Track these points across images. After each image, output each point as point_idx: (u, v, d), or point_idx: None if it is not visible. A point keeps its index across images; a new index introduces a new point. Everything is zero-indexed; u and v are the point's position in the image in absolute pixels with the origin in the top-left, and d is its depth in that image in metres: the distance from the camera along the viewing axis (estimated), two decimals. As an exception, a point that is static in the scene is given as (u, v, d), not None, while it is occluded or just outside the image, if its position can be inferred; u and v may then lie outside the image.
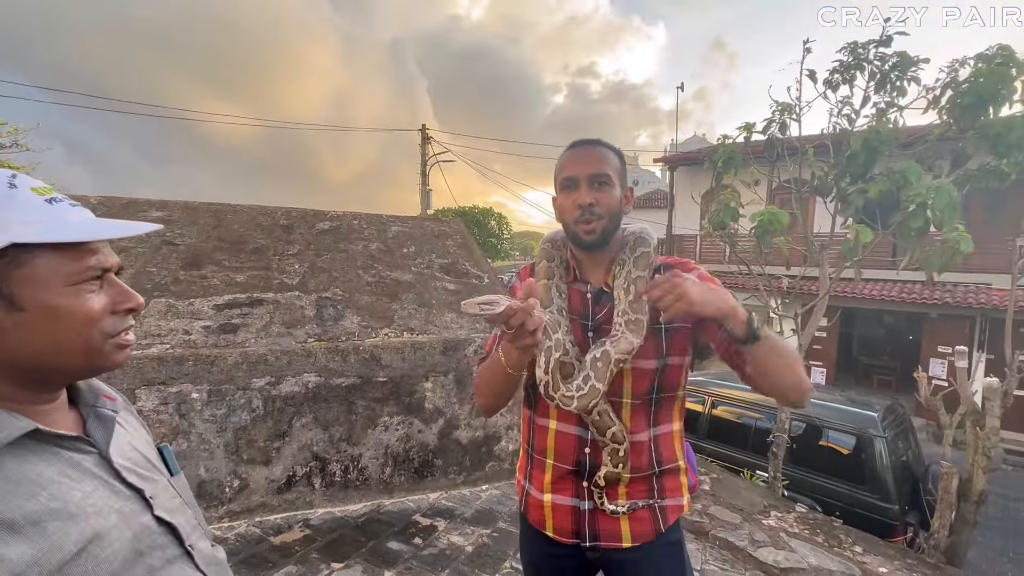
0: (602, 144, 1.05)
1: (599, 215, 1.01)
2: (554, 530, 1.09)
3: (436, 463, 2.88)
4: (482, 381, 1.09)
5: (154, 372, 2.34)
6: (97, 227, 0.57)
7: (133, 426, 0.70)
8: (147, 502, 0.60)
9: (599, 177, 1.01)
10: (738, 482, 3.58)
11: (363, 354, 2.78)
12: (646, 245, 1.06)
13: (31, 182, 0.56)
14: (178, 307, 3.78)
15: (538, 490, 1.11)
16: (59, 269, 0.54)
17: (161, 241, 4.39)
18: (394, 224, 5.89)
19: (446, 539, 2.45)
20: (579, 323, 1.09)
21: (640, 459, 1.06)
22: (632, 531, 1.06)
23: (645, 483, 1.07)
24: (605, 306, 1.06)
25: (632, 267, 1.03)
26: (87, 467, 0.57)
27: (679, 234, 13.91)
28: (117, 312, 0.60)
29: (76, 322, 0.55)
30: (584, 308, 1.09)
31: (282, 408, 2.54)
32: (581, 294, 1.10)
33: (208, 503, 2.38)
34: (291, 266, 4.55)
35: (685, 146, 20.89)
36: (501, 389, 1.04)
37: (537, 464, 1.13)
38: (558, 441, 1.09)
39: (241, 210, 5.25)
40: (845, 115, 3.25)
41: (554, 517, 1.09)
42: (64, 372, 0.58)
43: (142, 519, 0.59)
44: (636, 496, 1.06)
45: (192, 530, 0.66)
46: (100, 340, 0.57)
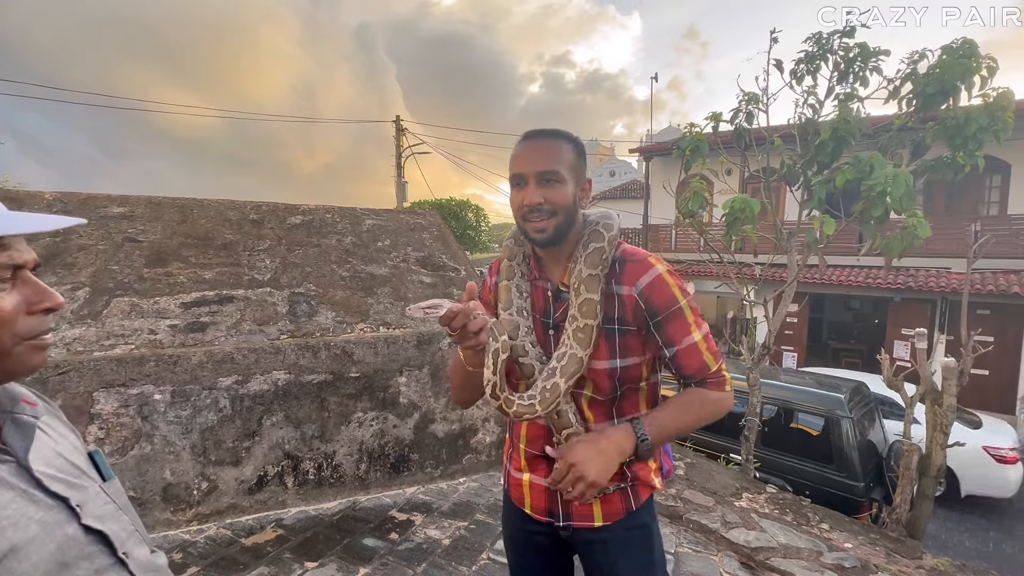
0: (556, 135, 1.02)
1: (551, 212, 0.98)
2: (531, 507, 1.13)
3: (412, 457, 2.86)
4: (452, 376, 1.13)
5: (113, 374, 2.25)
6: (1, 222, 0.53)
7: (60, 432, 0.66)
8: (73, 511, 0.57)
9: (547, 175, 0.97)
10: (712, 466, 3.67)
11: (334, 350, 2.73)
12: (599, 240, 1.02)
13: None
14: (142, 306, 3.65)
15: (516, 469, 1.16)
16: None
17: (123, 238, 4.21)
18: (368, 217, 5.79)
19: (423, 533, 2.44)
20: (541, 321, 1.08)
21: None
22: (603, 511, 1.08)
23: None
24: (563, 304, 1.05)
25: (583, 266, 1.01)
26: (2, 477, 0.53)
27: (654, 224, 14.07)
28: (33, 312, 0.56)
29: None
30: (546, 305, 1.08)
31: (251, 407, 2.48)
32: (543, 291, 1.08)
33: (175, 506, 2.32)
34: (262, 262, 4.44)
35: (660, 136, 21.09)
36: (466, 383, 1.06)
37: (515, 447, 1.17)
38: (528, 429, 1.11)
39: (208, 205, 5.08)
40: (810, 105, 3.31)
41: (531, 495, 1.12)
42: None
43: (67, 529, 0.56)
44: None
45: (127, 537, 0.64)
46: (11, 342, 0.54)
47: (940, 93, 2.90)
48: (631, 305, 1.01)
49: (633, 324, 1.01)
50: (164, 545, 2.23)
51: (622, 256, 1.05)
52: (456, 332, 0.89)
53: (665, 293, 0.99)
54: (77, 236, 3.78)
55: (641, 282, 1.00)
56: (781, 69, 3.37)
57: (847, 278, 10.64)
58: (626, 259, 1.04)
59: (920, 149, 3.20)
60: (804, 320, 11.47)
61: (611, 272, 1.02)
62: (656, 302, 0.99)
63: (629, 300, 1.01)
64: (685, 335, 1.00)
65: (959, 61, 2.85)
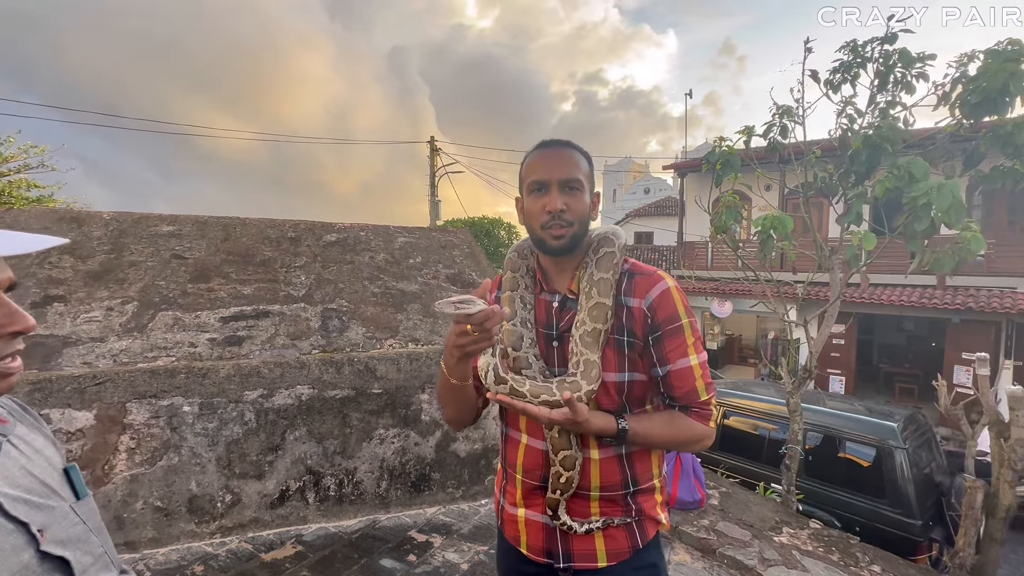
0: (572, 146, 1.01)
1: (569, 222, 0.97)
2: (528, 547, 1.06)
3: (434, 476, 2.82)
4: (439, 393, 1.10)
5: (145, 385, 2.33)
6: None
7: (36, 447, 0.64)
8: (33, 536, 0.54)
9: (571, 182, 0.97)
10: (749, 496, 3.45)
11: (357, 365, 2.75)
12: (610, 245, 1.01)
13: None
14: (185, 320, 3.81)
15: (511, 504, 1.09)
16: None
17: (171, 255, 4.44)
18: (400, 235, 5.91)
19: (441, 556, 2.38)
20: (544, 334, 1.05)
21: (612, 477, 1.01)
22: (607, 549, 1.01)
23: (618, 503, 1.01)
24: (569, 313, 1.02)
25: (595, 269, 0.99)
26: None
27: (690, 241, 13.75)
28: (2, 336, 0.54)
29: None
30: (549, 318, 1.05)
31: (275, 421, 2.51)
32: (547, 304, 1.06)
33: (199, 518, 2.35)
34: (297, 278, 4.57)
35: (696, 153, 20.75)
36: (450, 399, 1.03)
37: (510, 478, 1.10)
38: (526, 456, 1.05)
39: (250, 223, 5.31)
40: (848, 115, 3.15)
41: (528, 533, 1.05)
42: None
43: (22, 556, 0.53)
44: (609, 515, 1.02)
45: (93, 562, 0.60)
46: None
47: (986, 101, 2.70)
48: (640, 318, 0.98)
49: (640, 338, 0.98)
50: (187, 557, 2.27)
51: (631, 269, 1.03)
52: (478, 333, 0.84)
53: (670, 307, 0.97)
54: (129, 253, 4.00)
55: (651, 294, 0.98)
56: (817, 79, 3.24)
57: (899, 297, 10.02)
58: (636, 272, 1.02)
59: (974, 159, 2.98)
60: (852, 342, 10.84)
61: (620, 284, 1.00)
62: (661, 315, 0.97)
63: (639, 313, 0.98)
64: (681, 356, 0.97)
65: (1004, 66, 2.65)
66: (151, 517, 2.28)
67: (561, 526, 1.00)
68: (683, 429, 0.97)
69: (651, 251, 18.11)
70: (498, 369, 0.93)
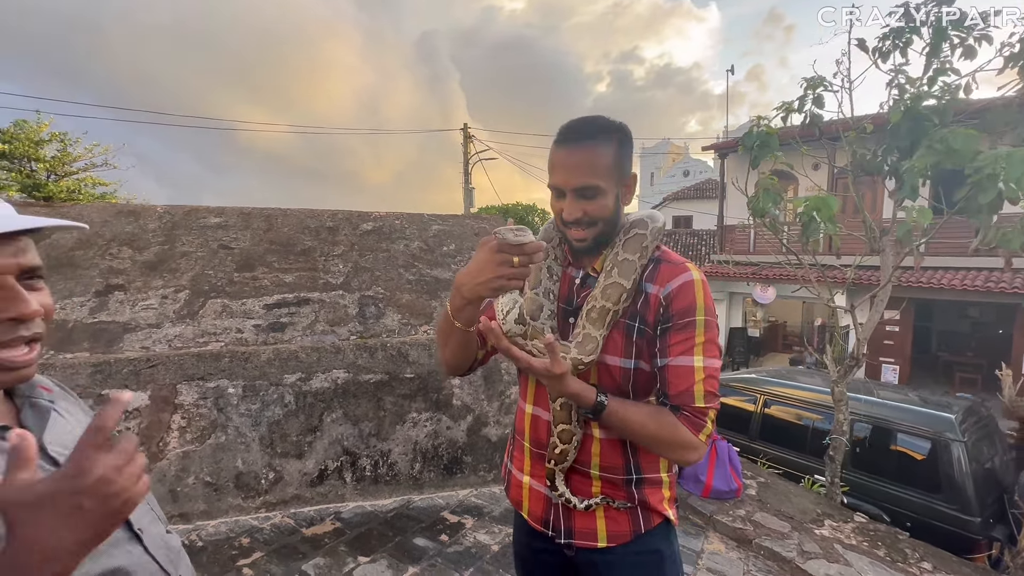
0: (594, 136, 0.94)
1: (591, 222, 0.95)
2: (528, 513, 1.08)
3: (465, 460, 2.87)
4: (437, 334, 1.08)
5: (193, 368, 2.48)
6: None
7: (77, 417, 0.70)
8: None
9: (586, 190, 0.93)
10: (789, 487, 3.34)
11: (390, 350, 2.81)
12: (642, 228, 0.98)
13: None
14: (232, 307, 4.00)
15: (518, 470, 1.11)
16: None
17: (218, 245, 4.66)
18: (435, 223, 5.98)
19: (472, 537, 2.44)
20: (562, 308, 1.04)
21: (613, 459, 1.00)
22: (608, 530, 1.00)
23: (620, 487, 1.00)
24: (588, 290, 1.00)
25: (620, 249, 0.97)
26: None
27: (730, 224, 13.25)
28: (2, 321, 0.54)
29: None
30: (570, 293, 1.04)
31: (313, 403, 2.61)
32: (571, 279, 1.05)
33: (246, 494, 2.50)
34: (336, 266, 4.72)
35: (739, 132, 19.89)
36: (449, 341, 1.00)
37: (517, 444, 1.12)
38: (532, 425, 1.07)
39: (291, 214, 5.51)
40: (898, 85, 2.91)
41: (530, 500, 1.08)
42: None
43: None
44: (610, 496, 1.01)
45: (142, 514, 0.66)
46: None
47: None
48: (655, 306, 0.95)
49: (651, 327, 0.95)
50: (235, 529, 2.41)
51: (659, 256, 1.00)
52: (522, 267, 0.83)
53: (687, 300, 0.93)
54: (181, 244, 4.23)
55: (671, 284, 0.94)
56: (865, 48, 3.00)
57: (961, 282, 9.34)
58: (663, 260, 0.99)
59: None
60: (907, 329, 10.22)
61: (646, 269, 0.98)
62: (675, 307, 0.93)
63: (654, 301, 0.95)
64: (684, 352, 0.92)
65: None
66: (202, 491, 2.44)
67: (559, 497, 1.00)
68: (666, 428, 0.90)
69: (690, 235, 17.60)
70: (523, 309, 0.90)
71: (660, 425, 0.91)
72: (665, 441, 0.91)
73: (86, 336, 2.65)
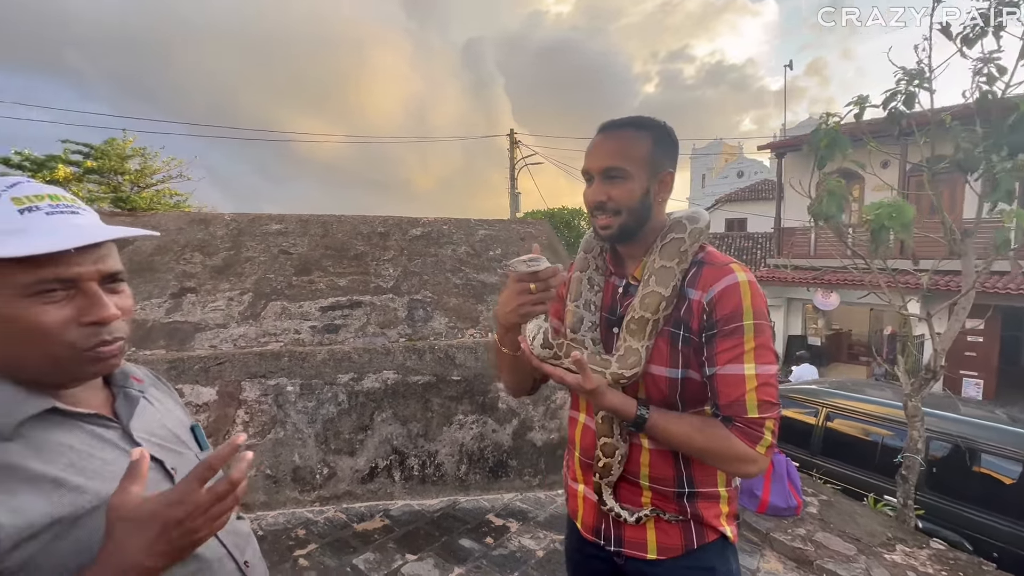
0: (630, 125, 0.95)
1: (615, 210, 0.94)
2: (582, 522, 1.07)
3: (511, 464, 2.88)
4: (494, 360, 1.16)
5: (256, 366, 2.62)
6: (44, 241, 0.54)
7: (167, 406, 0.77)
8: (168, 472, 0.66)
9: (612, 171, 0.93)
10: (855, 507, 3.12)
11: (438, 353, 2.87)
12: (679, 231, 0.95)
13: (23, 190, 0.58)
14: (291, 309, 4.22)
15: (572, 479, 1.11)
16: (12, 280, 0.54)
17: (279, 251, 4.93)
18: (481, 228, 6.06)
19: (517, 541, 2.43)
20: (606, 319, 1.02)
21: (663, 471, 0.96)
22: (658, 542, 0.97)
23: (671, 500, 0.97)
24: (629, 299, 0.98)
25: (657, 256, 0.94)
26: (110, 439, 0.63)
27: (789, 227, 12.59)
28: (84, 324, 0.58)
29: (29, 333, 0.55)
30: (613, 303, 1.02)
31: (364, 403, 2.70)
32: (613, 288, 1.03)
33: (302, 487, 2.61)
34: (386, 270, 4.87)
35: (798, 129, 18.91)
36: (504, 366, 1.06)
37: (570, 453, 1.13)
38: (583, 435, 1.06)
39: (345, 220, 5.75)
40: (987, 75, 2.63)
41: (584, 509, 1.07)
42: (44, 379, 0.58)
43: (162, 487, 0.62)
44: (660, 508, 0.98)
45: None
46: (64, 353, 0.57)
47: None
48: (698, 312, 0.91)
49: (695, 334, 0.91)
50: (292, 521, 2.53)
51: (703, 259, 0.96)
52: (539, 293, 0.87)
53: (732, 304, 0.88)
54: (245, 250, 4.50)
55: (714, 288, 0.89)
56: (949, 34, 2.76)
57: (1060, 289, 8.43)
58: (705, 262, 0.95)
59: None
60: (994, 339, 9.32)
61: (687, 274, 0.94)
62: (720, 312, 0.88)
63: (697, 307, 0.91)
64: (732, 360, 0.87)
65: None
66: (262, 483, 2.57)
67: (608, 511, 0.99)
68: (716, 440, 0.86)
69: (744, 238, 16.87)
70: (547, 334, 0.92)
71: (709, 437, 0.87)
72: (717, 454, 0.88)
73: (162, 335, 2.87)
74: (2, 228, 0.54)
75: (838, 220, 3.25)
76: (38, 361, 0.57)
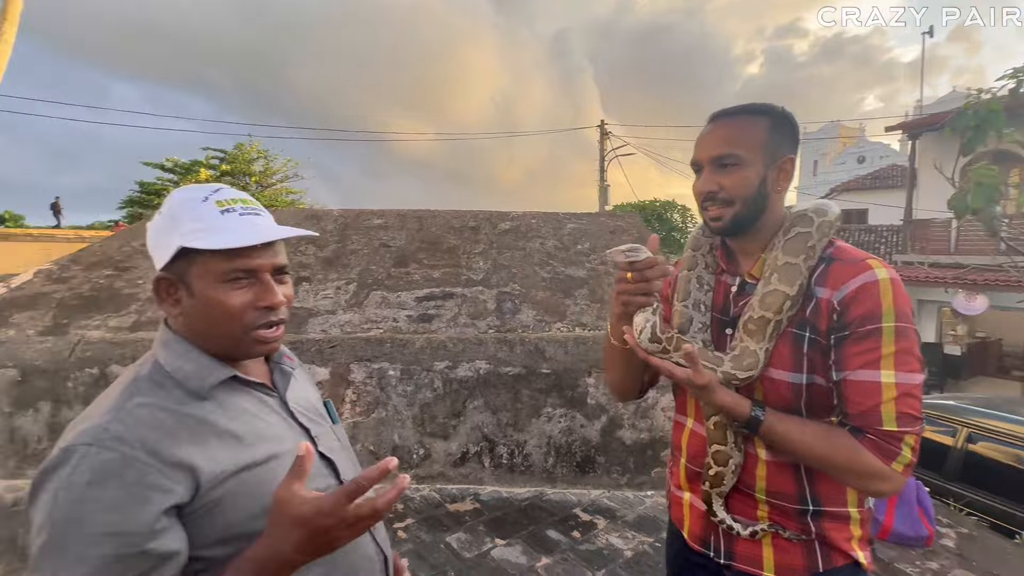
0: (744, 111, 0.90)
1: (727, 200, 0.88)
2: (688, 532, 1.01)
3: (598, 460, 2.85)
4: (603, 357, 1.12)
5: (362, 350, 2.84)
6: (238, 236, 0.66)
7: (306, 384, 0.88)
8: (313, 439, 0.76)
9: (723, 159, 0.88)
10: (1006, 545, 2.68)
11: (528, 345, 2.91)
12: (805, 224, 0.87)
13: (223, 195, 0.70)
14: (390, 299, 4.51)
15: (676, 487, 1.06)
16: (213, 268, 0.66)
17: (379, 244, 5.29)
18: (569, 221, 6.03)
19: (605, 538, 2.41)
20: (719, 320, 0.96)
21: (783, 485, 0.88)
22: (776, 560, 0.89)
23: (792, 517, 0.88)
24: (746, 298, 0.91)
25: (780, 251, 0.87)
26: (272, 406, 0.74)
27: (922, 219, 11.01)
28: (258, 308, 0.69)
29: (222, 312, 0.67)
30: (726, 303, 0.96)
31: (458, 390, 2.82)
32: (726, 287, 0.97)
33: (400, 466, 2.79)
34: (476, 263, 5.04)
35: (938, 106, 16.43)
36: (612, 362, 1.05)
37: (675, 460, 1.07)
38: (690, 440, 1.00)
39: (439, 214, 6.03)
40: None
41: (690, 518, 1.01)
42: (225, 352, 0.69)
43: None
44: (780, 524, 0.90)
45: (348, 469, 0.80)
46: (240, 331, 0.68)
47: None
48: (826, 312, 0.82)
49: (823, 336, 0.83)
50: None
51: (832, 255, 0.87)
52: (640, 283, 0.85)
53: (870, 304, 0.79)
54: (351, 243, 4.89)
55: (847, 287, 0.81)
56: None
57: None
58: (836, 258, 0.86)
59: None
60: None
61: (815, 271, 0.86)
62: (853, 313, 0.79)
63: (826, 307, 0.83)
64: (867, 366, 0.78)
65: None
66: (366, 459, 2.79)
67: (719, 523, 0.92)
68: (842, 452, 0.79)
69: (864, 231, 15.03)
70: (656, 327, 0.88)
71: (833, 448, 0.79)
72: (842, 467, 0.80)
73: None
74: (209, 225, 0.66)
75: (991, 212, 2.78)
76: (223, 336, 0.69)
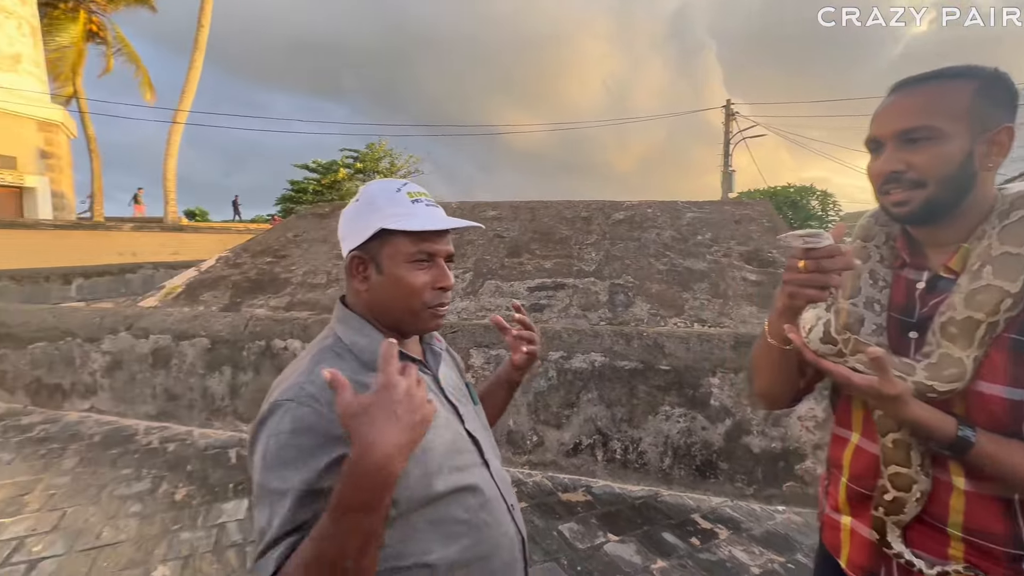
0: (941, 76, 0.74)
1: (917, 182, 0.73)
2: (847, 561, 0.88)
3: (721, 466, 2.66)
4: (752, 357, 0.96)
5: (481, 336, 2.96)
6: (430, 222, 0.76)
7: (452, 365, 0.94)
8: (460, 417, 0.81)
9: (912, 132, 0.73)
10: None
11: (646, 340, 2.80)
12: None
13: (410, 188, 0.79)
14: (503, 288, 4.65)
15: (833, 508, 0.92)
16: (404, 249, 0.75)
17: (493, 235, 5.46)
18: (689, 211, 5.69)
19: (728, 550, 2.25)
20: (898, 321, 0.81)
21: (988, 522, 0.72)
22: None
23: (999, 561, 0.72)
24: (939, 296, 0.76)
25: (997, 240, 0.71)
26: (427, 382, 0.80)
27: None
28: (435, 288, 0.77)
29: (407, 289, 0.76)
30: (909, 301, 0.81)
31: (572, 381, 2.81)
32: (908, 283, 0.82)
33: (514, 451, 2.87)
34: (588, 254, 4.98)
35: None
36: (763, 365, 0.91)
37: (833, 479, 0.93)
38: (855, 458, 0.86)
39: (551, 205, 6.05)
40: None
41: (851, 545, 0.87)
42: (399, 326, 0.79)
43: (457, 427, 0.80)
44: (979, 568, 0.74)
45: (488, 448, 0.85)
46: (419, 307, 0.77)
47: None
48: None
49: None
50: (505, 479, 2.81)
51: None
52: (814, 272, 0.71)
53: None
54: (468, 234, 5.11)
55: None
56: None
57: None
58: None
59: None
60: None
61: None
62: None
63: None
64: None
65: None
66: (483, 440, 2.92)
67: (896, 557, 0.78)
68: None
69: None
70: (830, 326, 0.77)
71: None
72: None
73: (411, 304, 3.47)
74: (403, 212, 0.75)
75: None
76: (403, 310, 0.77)
